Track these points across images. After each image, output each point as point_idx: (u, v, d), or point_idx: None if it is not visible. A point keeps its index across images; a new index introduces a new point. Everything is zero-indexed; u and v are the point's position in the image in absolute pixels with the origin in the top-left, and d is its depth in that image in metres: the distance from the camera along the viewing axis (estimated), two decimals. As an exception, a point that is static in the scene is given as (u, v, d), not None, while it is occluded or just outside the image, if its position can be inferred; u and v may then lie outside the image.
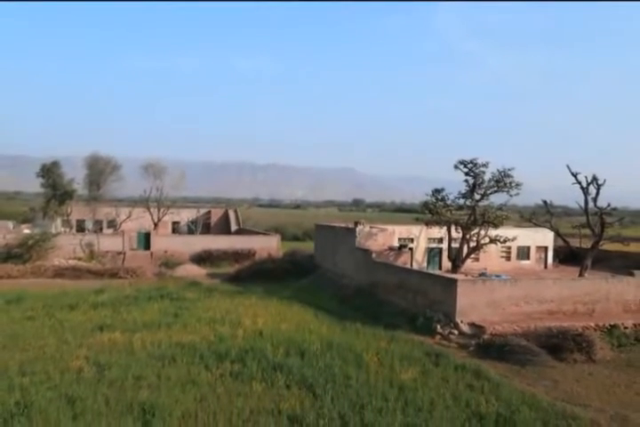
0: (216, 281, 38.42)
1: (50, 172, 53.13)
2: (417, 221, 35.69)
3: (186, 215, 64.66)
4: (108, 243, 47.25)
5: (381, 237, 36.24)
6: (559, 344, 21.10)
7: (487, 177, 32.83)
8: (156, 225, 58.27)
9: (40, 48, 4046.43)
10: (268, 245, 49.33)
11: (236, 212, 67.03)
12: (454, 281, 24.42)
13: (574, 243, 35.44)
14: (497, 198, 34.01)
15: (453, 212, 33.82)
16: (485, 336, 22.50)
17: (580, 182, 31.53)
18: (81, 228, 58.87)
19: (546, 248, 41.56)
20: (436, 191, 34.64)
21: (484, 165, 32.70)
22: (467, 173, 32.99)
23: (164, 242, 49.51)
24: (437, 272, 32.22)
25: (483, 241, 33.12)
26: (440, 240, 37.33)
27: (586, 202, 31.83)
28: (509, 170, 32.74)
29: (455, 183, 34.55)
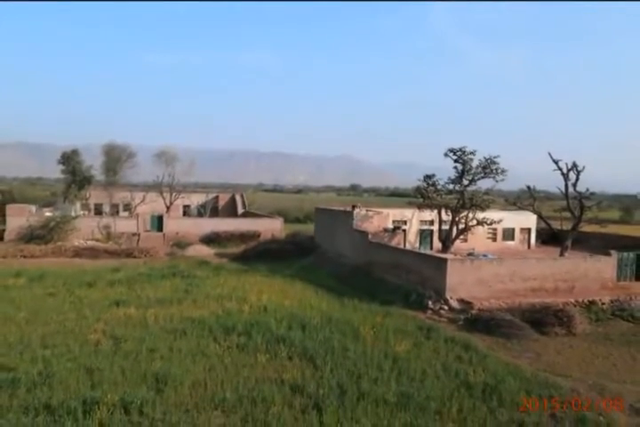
0: (224, 260, 38.26)
1: (70, 159, 52.76)
2: (410, 204, 35.49)
3: (196, 199, 64.35)
4: (123, 225, 47.07)
5: (377, 220, 36.04)
6: (542, 319, 21.06)
7: (475, 164, 32.49)
8: (168, 208, 58.00)
9: (63, 45, 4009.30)
10: (271, 227, 49.09)
11: (242, 196, 66.71)
12: (444, 260, 24.28)
13: (555, 225, 35.36)
14: (484, 184, 33.73)
15: (443, 196, 33.54)
16: (473, 311, 22.43)
17: (560, 169, 31.25)
18: (99, 211, 58.63)
19: (529, 230, 41.31)
20: (428, 177, 34.28)
21: (472, 153, 32.34)
22: (456, 161, 32.64)
23: (175, 224, 49.32)
24: (429, 252, 32.10)
25: (471, 223, 32.93)
26: (431, 222, 37.12)
27: (566, 187, 31.58)
28: (495, 157, 32.42)
29: (445, 170, 34.21)
